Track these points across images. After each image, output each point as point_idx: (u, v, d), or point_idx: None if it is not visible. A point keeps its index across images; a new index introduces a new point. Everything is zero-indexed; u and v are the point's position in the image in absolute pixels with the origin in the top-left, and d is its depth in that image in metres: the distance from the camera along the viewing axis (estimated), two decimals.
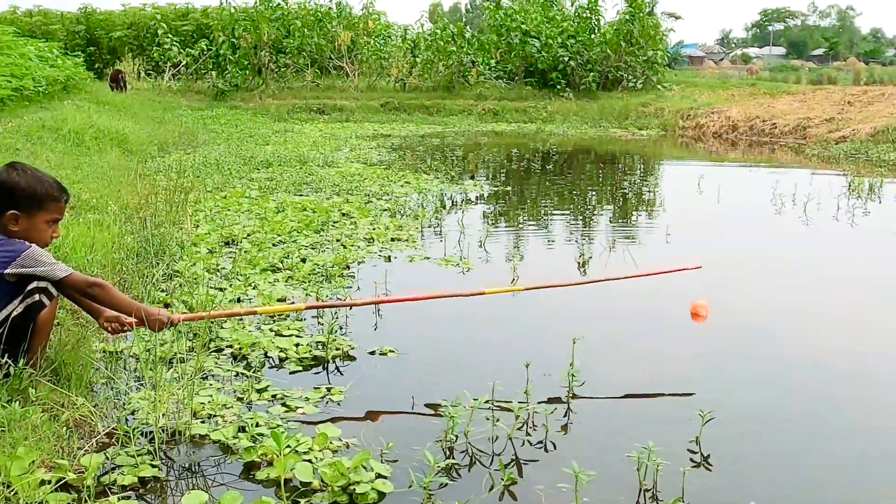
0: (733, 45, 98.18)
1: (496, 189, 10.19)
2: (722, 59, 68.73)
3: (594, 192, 10.31)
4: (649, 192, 10.40)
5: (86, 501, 2.55)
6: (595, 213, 8.90)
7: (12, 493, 2.50)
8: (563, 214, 8.79)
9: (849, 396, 3.84)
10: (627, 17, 23.97)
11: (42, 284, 3.19)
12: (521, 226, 8.04)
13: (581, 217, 8.62)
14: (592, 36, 24.32)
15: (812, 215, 8.25)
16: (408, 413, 3.47)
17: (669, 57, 54.61)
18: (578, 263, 6.38)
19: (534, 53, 24.03)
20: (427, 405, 3.49)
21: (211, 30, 25.13)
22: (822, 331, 4.86)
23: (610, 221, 8.35)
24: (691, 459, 3.08)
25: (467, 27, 29.15)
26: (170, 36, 24.57)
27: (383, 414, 3.46)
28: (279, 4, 24.64)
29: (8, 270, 3.09)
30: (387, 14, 30.14)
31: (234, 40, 23.65)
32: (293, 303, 4.87)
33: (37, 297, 3.19)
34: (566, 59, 23.65)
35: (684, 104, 20.38)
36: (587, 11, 24.54)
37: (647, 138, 17.75)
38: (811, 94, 19.78)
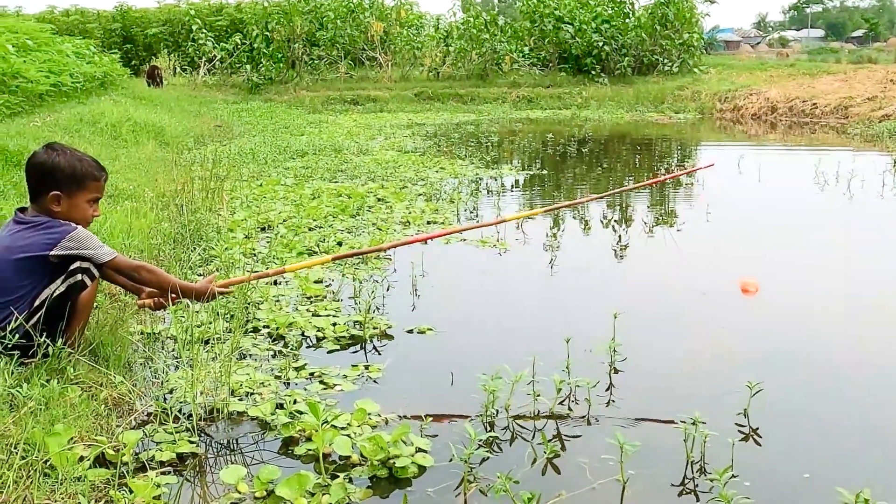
0: (770, 29, 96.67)
1: (532, 174, 10.10)
2: (759, 43, 67.68)
3: (631, 176, 10.16)
4: (692, 177, 10.23)
5: (124, 476, 2.53)
6: (631, 196, 8.77)
7: (51, 469, 2.48)
8: (600, 198, 8.67)
9: None
10: (662, 0, 23.65)
11: (84, 265, 3.17)
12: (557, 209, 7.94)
13: (617, 200, 8.50)
14: (627, 20, 24.01)
15: (856, 192, 8.05)
16: (447, 388, 3.42)
17: (705, 42, 54.06)
18: (616, 241, 6.29)
19: (567, 39, 23.81)
20: (466, 380, 3.43)
21: (245, 24, 25.26)
22: (870, 307, 4.71)
23: (648, 204, 8.23)
24: (739, 432, 3.00)
25: (500, 15, 29.01)
26: (204, 31, 24.72)
27: (422, 389, 3.42)
28: None
29: (54, 252, 3.08)
30: (418, 4, 30.06)
31: (267, 34, 23.74)
32: (329, 285, 4.85)
33: (79, 276, 3.17)
34: (600, 44, 23.40)
35: (722, 87, 20.07)
36: None
37: (685, 122, 17.51)
38: (852, 73, 19.38)
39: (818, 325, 4.36)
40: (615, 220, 7.30)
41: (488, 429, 3.00)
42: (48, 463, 2.50)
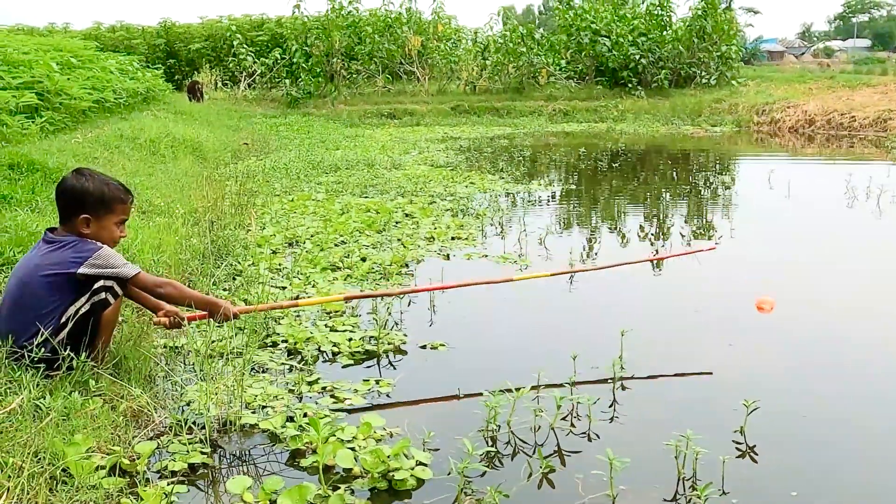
0: (815, 39, 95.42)
1: (561, 188, 10.17)
2: (803, 54, 66.82)
3: (658, 191, 10.17)
4: (717, 189, 10.21)
5: (137, 485, 2.66)
6: (657, 210, 8.80)
7: (69, 477, 2.62)
8: (626, 213, 8.72)
9: None
10: (700, 12, 23.58)
11: (108, 283, 3.33)
12: (583, 224, 8.01)
13: (642, 215, 8.54)
14: (664, 33, 23.98)
15: (885, 209, 8.01)
16: (453, 404, 3.52)
17: (748, 53, 53.60)
18: (639, 258, 6.34)
19: (604, 52, 23.83)
20: (470, 395, 3.52)
21: (285, 39, 25.64)
22: (882, 326, 4.72)
23: (672, 218, 8.25)
24: (737, 449, 3.06)
25: (540, 29, 29.11)
26: (245, 46, 25.14)
27: (429, 405, 3.53)
28: (350, 12, 24.99)
29: (81, 270, 3.25)
30: (457, 18, 30.27)
31: (306, 48, 24.07)
32: (350, 301, 4.97)
33: (103, 295, 3.33)
34: (637, 57, 23.38)
35: (759, 99, 19.95)
36: (658, 8, 24.22)
37: (721, 135, 17.44)
38: (893, 85, 19.15)
39: (829, 344, 4.39)
40: (639, 236, 7.34)
41: (489, 443, 3.09)
42: (66, 472, 2.64)
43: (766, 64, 47.98)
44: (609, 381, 3.64)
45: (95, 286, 3.27)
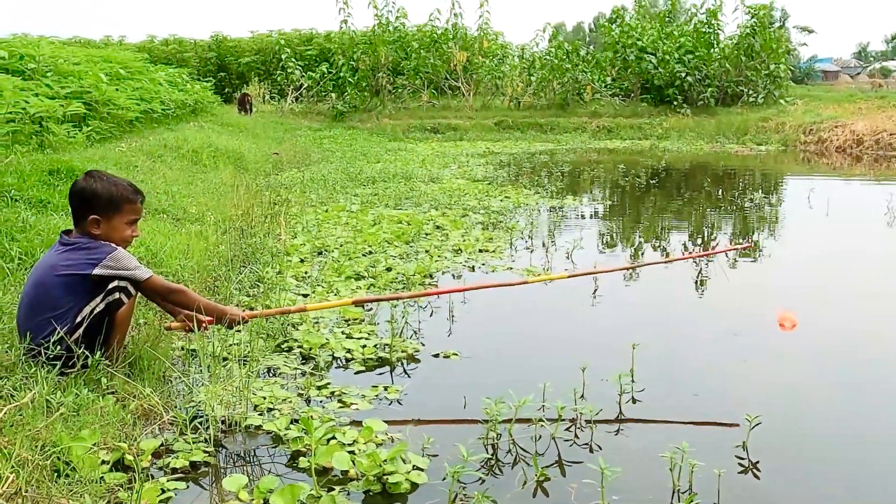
0: (871, 59, 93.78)
1: (595, 204, 10.15)
2: (858, 74, 65.74)
3: (694, 209, 10.09)
4: (756, 207, 10.10)
5: (138, 480, 2.72)
6: (691, 228, 8.73)
7: (73, 470, 2.70)
8: (660, 230, 8.66)
9: None
10: (749, 30, 23.34)
11: (122, 284, 3.43)
12: (612, 240, 7.98)
13: (675, 231, 8.48)
14: (711, 51, 23.75)
15: None
16: (458, 411, 3.53)
17: (802, 72, 52.91)
18: (665, 273, 6.31)
19: (650, 70, 23.68)
20: (479, 404, 3.54)
21: (332, 53, 25.96)
22: None
23: (703, 235, 8.18)
24: (739, 464, 3.03)
25: (590, 46, 29.08)
26: (293, 60, 25.50)
27: (433, 412, 3.55)
28: (397, 27, 25.21)
29: (95, 271, 3.35)
30: (503, 34, 30.35)
31: (353, 63, 24.33)
32: (370, 308, 5.02)
33: (117, 295, 3.43)
34: (683, 74, 23.20)
35: (807, 118, 19.65)
36: (706, 26, 24.01)
37: (766, 153, 17.22)
38: None
39: (845, 365, 4.32)
40: (667, 251, 7.29)
41: (489, 451, 3.11)
42: (71, 466, 2.72)
43: (821, 83, 47.32)
44: (617, 391, 3.63)
45: (110, 286, 3.36)
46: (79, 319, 3.34)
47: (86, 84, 10.80)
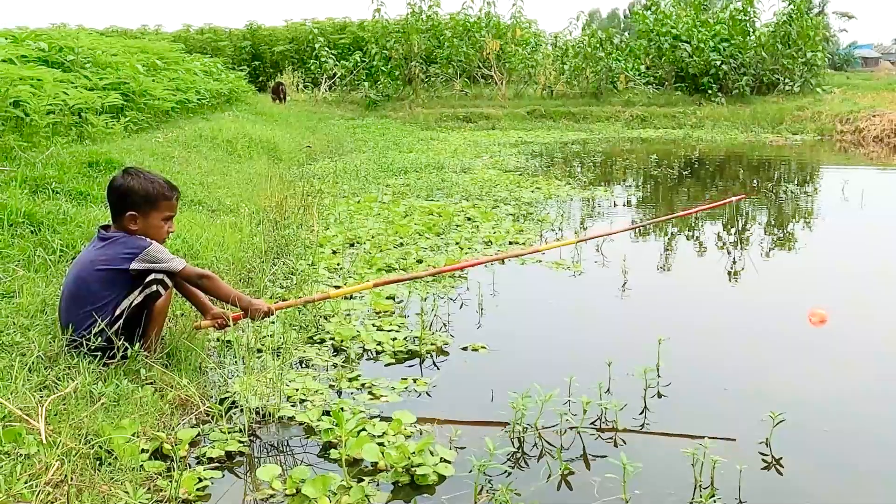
0: None
1: (627, 195, 10.15)
2: None
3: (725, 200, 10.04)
4: (788, 200, 10.04)
5: (176, 469, 2.83)
6: (720, 219, 8.71)
7: (114, 458, 2.81)
8: (692, 221, 8.66)
9: None
10: (785, 18, 23.07)
11: (159, 276, 3.54)
12: (642, 231, 8.00)
13: (701, 221, 8.47)
14: (747, 39, 23.50)
15: None
16: (485, 404, 3.60)
17: (841, 59, 52.14)
18: (693, 266, 6.33)
19: (684, 58, 23.51)
20: (507, 397, 3.60)
21: (366, 42, 26.05)
22: None
23: (731, 227, 8.17)
24: (763, 461, 3.08)
25: (625, 33, 28.89)
26: (327, 49, 25.62)
27: (461, 404, 3.62)
28: (430, 16, 25.23)
29: (133, 266, 3.46)
30: (536, 22, 30.23)
31: (386, 52, 24.40)
32: (401, 301, 5.11)
33: (154, 287, 3.54)
34: (718, 63, 23.00)
35: (844, 108, 19.42)
36: (742, 14, 23.75)
37: (802, 143, 17.06)
38: None
39: (873, 362, 4.33)
40: (696, 244, 7.31)
41: (515, 444, 3.18)
42: (112, 454, 2.83)
43: (860, 70, 46.66)
44: (642, 386, 3.68)
45: (147, 279, 3.48)
46: (118, 312, 3.46)
47: (123, 75, 10.98)
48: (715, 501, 2.74)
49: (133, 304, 3.50)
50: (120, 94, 10.37)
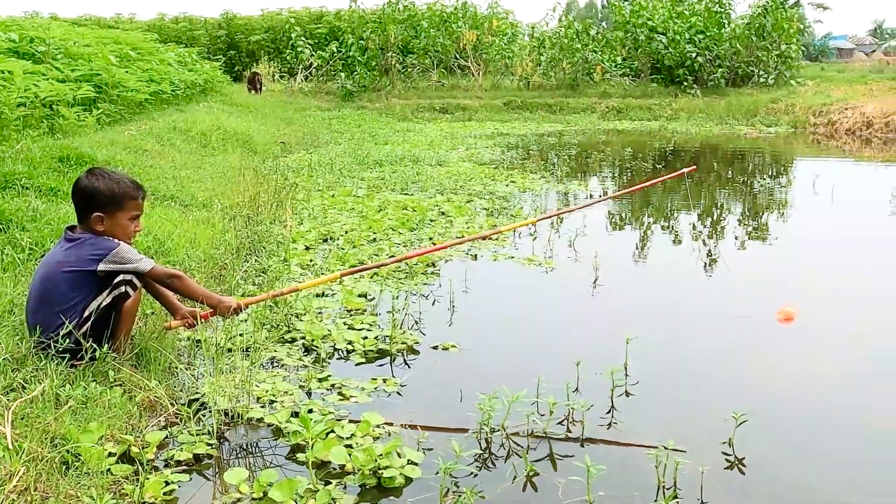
0: (887, 36, 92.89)
1: (601, 189, 10.20)
2: (874, 51, 65.16)
3: (698, 193, 10.13)
4: (758, 193, 10.14)
5: (143, 472, 2.84)
6: (691, 213, 8.78)
7: (81, 462, 2.81)
8: (661, 215, 8.73)
9: None
10: (760, 10, 23.21)
11: (128, 277, 3.53)
12: (616, 225, 8.05)
13: (674, 217, 8.54)
14: (722, 30, 23.63)
15: None
16: (454, 405, 3.62)
17: (816, 50, 52.50)
18: (664, 262, 6.39)
19: (660, 50, 23.61)
20: (476, 397, 3.63)
21: (342, 32, 25.95)
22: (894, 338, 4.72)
23: (705, 223, 8.24)
24: (726, 461, 3.12)
25: (603, 24, 28.93)
26: (303, 39, 25.47)
27: (431, 405, 3.65)
28: (407, 6, 25.16)
29: (100, 267, 3.45)
30: (514, 13, 30.18)
31: (363, 42, 24.31)
32: (372, 299, 5.12)
33: (123, 288, 3.53)
34: (694, 55, 23.10)
35: (817, 100, 19.59)
36: (717, 6, 23.87)
37: (775, 136, 17.19)
38: None
39: (837, 360, 4.40)
40: (668, 239, 7.37)
41: (482, 445, 3.21)
42: (79, 458, 2.83)
43: (835, 61, 46.98)
44: (610, 385, 3.72)
45: (116, 280, 3.47)
46: (87, 313, 3.45)
47: (95, 66, 10.88)
48: (678, 503, 2.79)
49: (102, 306, 3.49)
50: (92, 85, 10.28)
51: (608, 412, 3.55)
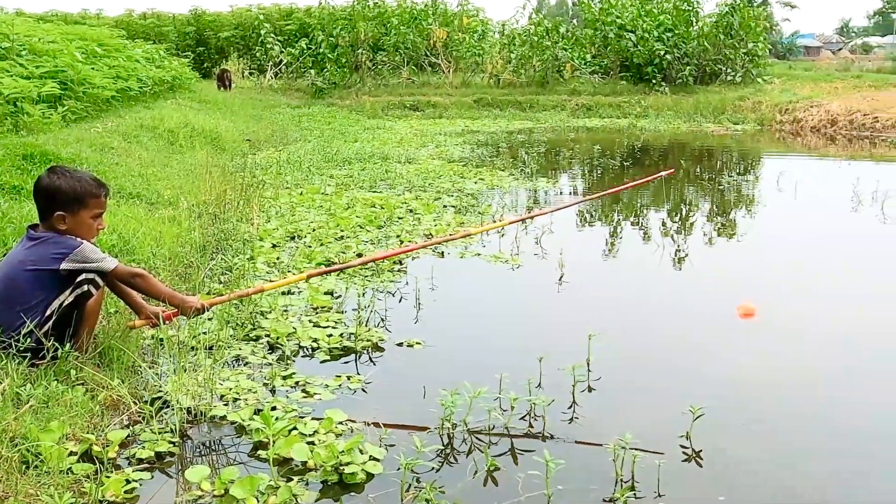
0: (853, 35, 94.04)
1: (570, 186, 10.28)
2: (840, 49, 65.96)
3: (666, 190, 10.23)
4: (723, 191, 10.26)
5: (105, 471, 2.84)
6: (658, 210, 8.87)
7: (42, 462, 2.81)
8: (629, 212, 8.81)
9: (869, 407, 3.85)
10: (727, 8, 23.41)
11: (90, 276, 3.52)
12: (583, 223, 8.12)
13: (641, 213, 8.63)
14: (690, 29, 23.82)
15: (889, 215, 8.02)
16: (417, 401, 3.65)
17: (784, 48, 53.10)
18: (630, 259, 6.46)
19: (629, 48, 23.73)
20: (439, 393, 3.66)
21: (312, 29, 25.82)
22: (849, 333, 4.81)
23: (671, 220, 8.34)
24: (684, 454, 3.18)
25: (573, 21, 29.03)
26: (272, 35, 25.30)
27: (395, 401, 3.68)
28: (377, 3, 25.11)
29: (63, 266, 3.44)
30: (484, 10, 30.25)
31: (333, 39, 24.20)
32: (339, 297, 5.13)
33: (85, 287, 3.53)
34: (662, 53, 23.25)
35: (783, 98, 19.82)
36: (685, 4, 24.04)
37: (742, 133, 17.37)
38: None
39: (798, 354, 4.48)
40: (634, 236, 7.45)
41: (445, 441, 3.24)
42: (40, 457, 2.82)
43: (802, 59, 47.51)
44: (573, 381, 3.77)
45: (78, 279, 3.46)
46: (48, 312, 3.44)
47: (61, 63, 10.78)
48: (635, 495, 2.84)
49: (64, 305, 3.48)
50: (57, 82, 10.19)
51: (570, 407, 3.60)
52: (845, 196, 8.88)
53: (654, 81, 23.17)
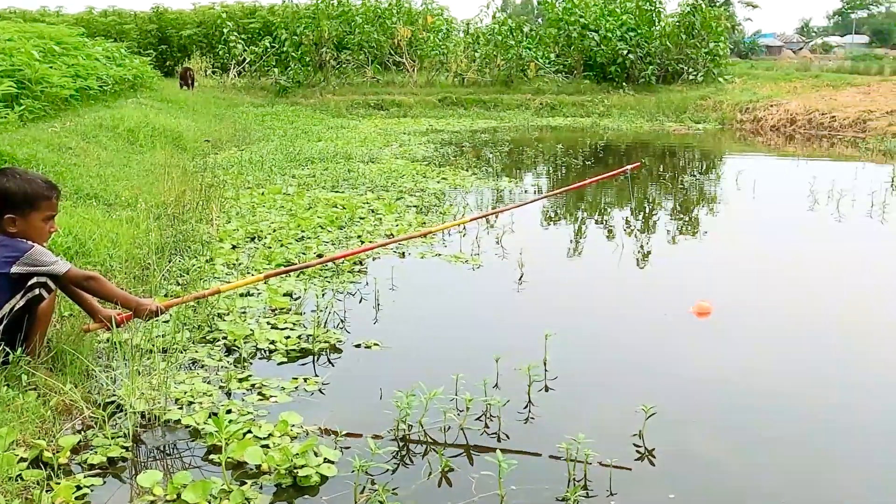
0: (813, 34, 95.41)
1: (532, 185, 10.32)
2: (801, 49, 66.91)
3: (626, 190, 10.31)
4: (682, 190, 10.37)
5: (56, 477, 2.81)
6: (618, 208, 8.94)
7: None
8: (591, 211, 8.87)
9: (823, 403, 3.92)
10: (689, 8, 23.67)
11: (42, 279, 3.48)
12: (545, 222, 8.16)
13: (602, 213, 8.70)
14: (653, 28, 24.05)
15: (844, 213, 8.16)
16: (373, 402, 3.66)
17: (746, 47, 53.77)
18: (588, 259, 6.51)
19: (592, 47, 23.92)
20: (395, 395, 3.67)
21: (275, 27, 25.67)
22: (803, 330, 4.90)
23: (632, 218, 8.41)
24: (637, 452, 3.22)
25: (538, 20, 29.13)
26: (236, 34, 25.11)
27: (351, 403, 3.68)
28: (341, 1, 25.02)
29: (14, 269, 3.40)
30: (448, 9, 30.22)
31: (296, 37, 24.07)
32: (298, 298, 5.12)
33: (37, 291, 3.48)
34: (625, 52, 23.46)
35: (744, 97, 20.07)
36: (647, 4, 24.27)
37: (703, 132, 17.57)
38: (876, 85, 19.28)
39: (751, 353, 4.54)
40: (594, 236, 7.50)
41: (400, 443, 3.25)
42: None
43: (764, 59, 48.15)
44: (531, 381, 3.79)
45: (29, 283, 3.42)
46: None
47: (17, 61, 10.63)
48: (587, 494, 2.87)
49: (15, 309, 3.44)
50: (14, 81, 10.05)
51: (525, 407, 3.63)
52: (802, 194, 9.01)
53: (616, 81, 23.38)
